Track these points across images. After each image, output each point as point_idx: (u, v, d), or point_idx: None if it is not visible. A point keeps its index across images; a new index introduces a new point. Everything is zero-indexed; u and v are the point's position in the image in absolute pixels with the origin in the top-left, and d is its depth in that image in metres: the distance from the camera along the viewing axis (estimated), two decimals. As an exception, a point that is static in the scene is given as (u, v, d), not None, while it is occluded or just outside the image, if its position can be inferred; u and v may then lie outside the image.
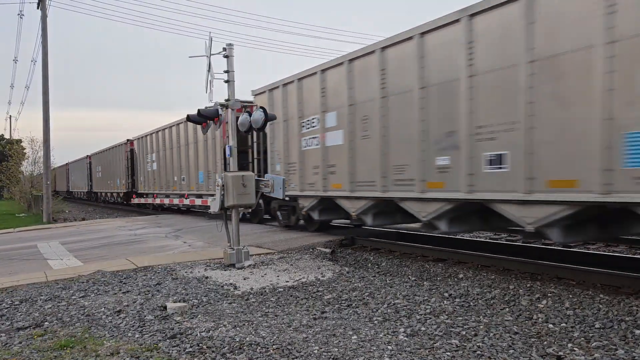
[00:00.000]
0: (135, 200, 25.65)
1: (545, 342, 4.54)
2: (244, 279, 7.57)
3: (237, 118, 9.16)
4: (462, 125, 7.46)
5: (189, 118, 9.00)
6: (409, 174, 8.50)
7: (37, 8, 24.01)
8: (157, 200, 22.47)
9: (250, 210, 13.86)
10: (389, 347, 4.48)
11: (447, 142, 7.78)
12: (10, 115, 63.32)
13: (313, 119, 10.99)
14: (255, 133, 13.46)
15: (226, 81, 8.86)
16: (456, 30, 7.50)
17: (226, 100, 8.90)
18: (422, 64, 8.12)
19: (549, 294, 6.08)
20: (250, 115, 8.94)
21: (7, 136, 61.07)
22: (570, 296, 5.93)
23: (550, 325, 5.03)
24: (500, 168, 7.01)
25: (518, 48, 6.62)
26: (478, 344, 4.51)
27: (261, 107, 8.94)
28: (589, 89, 5.88)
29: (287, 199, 12.03)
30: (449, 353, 4.33)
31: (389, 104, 8.86)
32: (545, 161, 6.41)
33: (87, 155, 36.73)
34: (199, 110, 8.67)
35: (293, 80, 11.56)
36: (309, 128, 11.17)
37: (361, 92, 9.56)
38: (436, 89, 7.95)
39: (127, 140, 26.26)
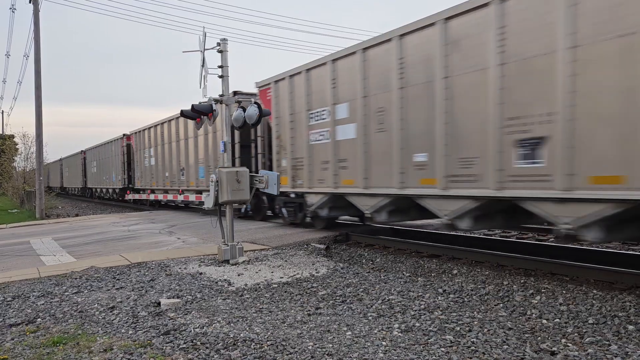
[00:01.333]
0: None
1: (539, 338, 4.55)
2: (238, 275, 7.55)
3: (256, 110, 8.95)
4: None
5: (183, 113, 8.96)
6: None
7: (29, 2, 23.79)
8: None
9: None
10: (383, 343, 4.48)
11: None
12: (3, 111, 63.03)
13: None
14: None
15: (220, 76, 8.81)
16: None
17: (220, 96, 8.85)
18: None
19: (543, 290, 6.10)
20: (244, 110, 8.90)
21: (-1, 132, 60.69)
22: (564, 292, 5.96)
23: (544, 321, 5.04)
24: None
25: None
26: (472, 340, 4.51)
27: (255, 103, 8.90)
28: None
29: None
30: (443, 349, 4.33)
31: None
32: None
33: (82, 151, 36.00)
34: (192, 105, 8.63)
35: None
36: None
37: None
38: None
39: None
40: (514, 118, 6.70)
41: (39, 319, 5.57)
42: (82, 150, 36.09)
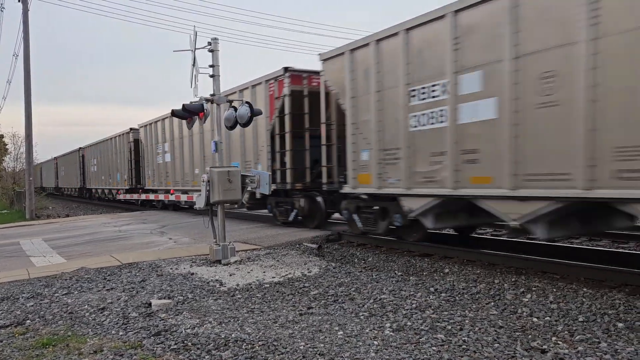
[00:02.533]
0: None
1: (529, 336, 4.57)
2: (230, 275, 7.52)
3: (248, 110, 8.72)
4: None
5: (174, 113, 8.91)
6: None
7: (18, 1, 23.60)
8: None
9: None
10: (375, 342, 4.48)
11: None
12: (-8, 110, 62.22)
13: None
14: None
15: (211, 76, 8.77)
16: None
17: (211, 95, 8.82)
18: None
19: (534, 288, 6.14)
20: (235, 110, 8.87)
21: (-12, 132, 60.08)
22: (555, 290, 5.99)
23: (535, 319, 5.07)
24: None
25: None
26: (463, 338, 4.52)
27: (246, 102, 8.86)
28: None
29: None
30: (434, 347, 4.34)
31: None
32: None
33: (80, 148, 33.30)
34: (183, 105, 8.58)
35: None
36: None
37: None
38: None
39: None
40: None
41: (28, 321, 5.52)
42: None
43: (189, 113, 8.66)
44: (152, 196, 20.42)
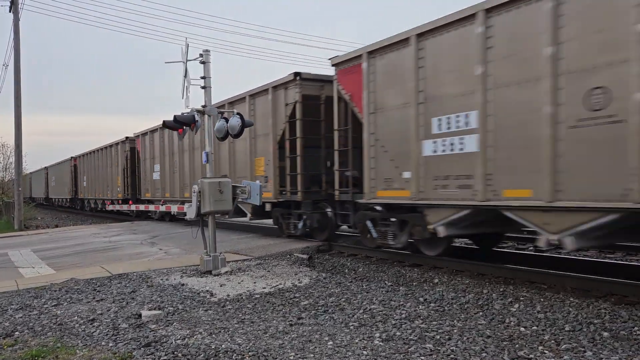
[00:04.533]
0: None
1: (517, 345, 4.63)
2: (221, 286, 7.53)
3: (239, 121, 8.62)
4: None
5: (165, 124, 8.94)
6: None
7: (10, 11, 23.59)
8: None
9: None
10: (365, 352, 4.52)
11: None
12: (-19, 120, 61.85)
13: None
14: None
15: (203, 87, 8.83)
16: None
17: (203, 106, 8.87)
18: None
19: (521, 298, 6.21)
20: (227, 121, 8.92)
21: (-23, 141, 59.57)
22: (542, 300, 6.07)
23: (522, 329, 5.13)
24: None
25: None
26: (452, 348, 4.58)
27: (238, 113, 8.92)
28: None
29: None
30: (423, 357, 4.38)
31: None
32: None
33: (72, 157, 32.83)
34: (175, 116, 8.62)
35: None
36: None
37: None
38: None
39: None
40: None
41: (17, 332, 5.50)
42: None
43: (180, 124, 8.70)
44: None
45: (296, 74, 10.94)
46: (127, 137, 22.60)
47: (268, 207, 12.06)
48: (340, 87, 9.87)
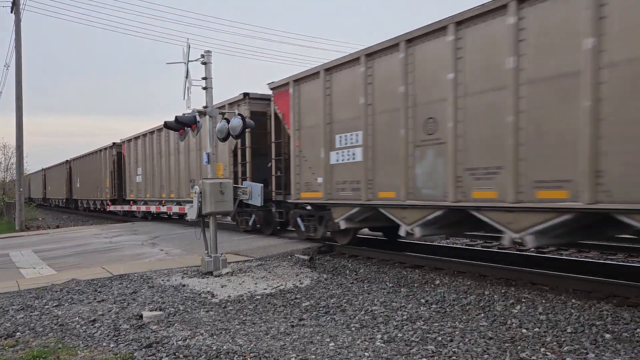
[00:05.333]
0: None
1: (518, 347, 4.62)
2: (222, 287, 7.52)
3: (240, 122, 8.74)
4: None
5: (167, 125, 8.94)
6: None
7: (11, 12, 23.62)
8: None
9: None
10: (366, 354, 4.51)
11: None
12: (-18, 121, 61.99)
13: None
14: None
15: (204, 88, 8.83)
16: None
17: (204, 107, 8.87)
18: None
19: (523, 300, 6.19)
20: (228, 122, 8.93)
21: (-22, 142, 59.62)
22: (544, 301, 6.05)
23: (524, 330, 5.12)
24: None
25: None
26: (453, 350, 4.56)
27: (239, 114, 8.92)
28: None
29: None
30: (425, 359, 4.37)
31: None
32: None
33: (67, 160, 34.43)
34: (176, 117, 8.63)
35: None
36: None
37: None
38: None
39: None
40: None
41: (18, 333, 5.50)
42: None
43: (182, 125, 8.69)
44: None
45: (245, 94, 12.98)
46: (114, 143, 24.58)
47: None
48: (275, 107, 11.80)
